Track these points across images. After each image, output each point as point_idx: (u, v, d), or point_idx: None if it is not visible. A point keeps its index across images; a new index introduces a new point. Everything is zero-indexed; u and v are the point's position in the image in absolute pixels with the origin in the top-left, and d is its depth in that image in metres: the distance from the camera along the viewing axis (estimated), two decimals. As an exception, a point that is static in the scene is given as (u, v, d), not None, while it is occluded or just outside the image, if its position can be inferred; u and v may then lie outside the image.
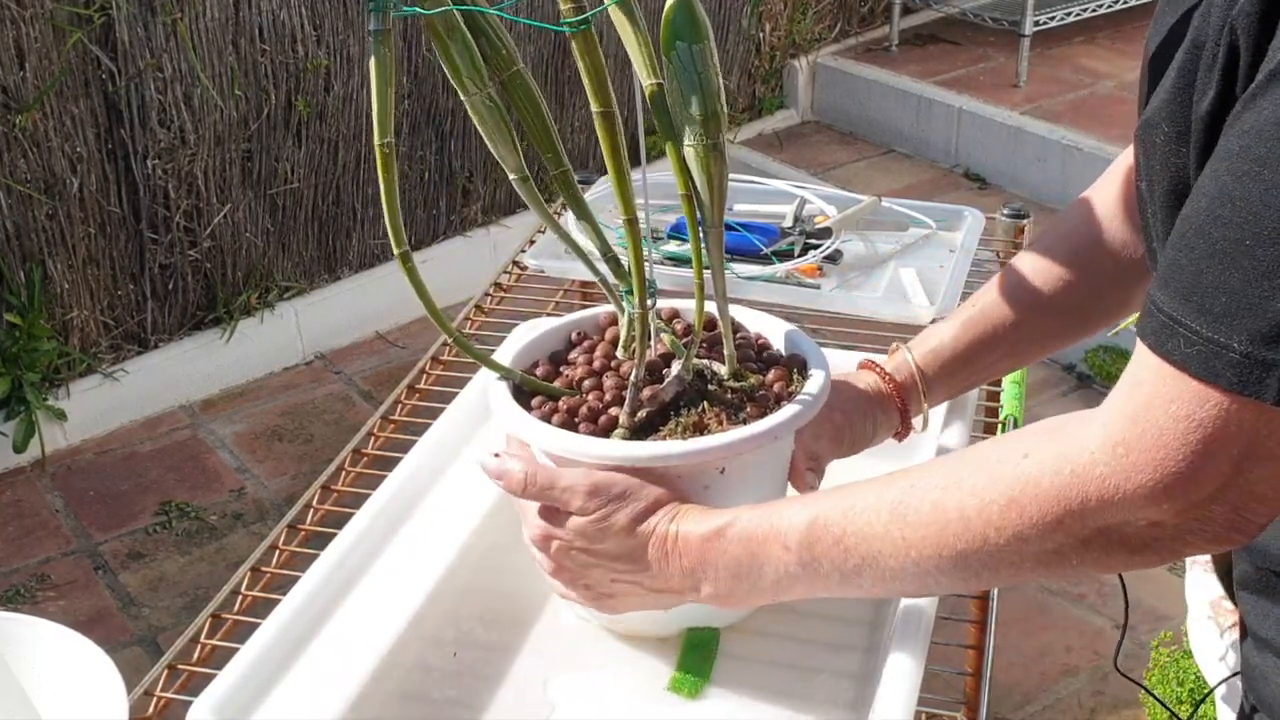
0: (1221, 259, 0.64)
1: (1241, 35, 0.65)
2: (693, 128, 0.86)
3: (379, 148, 0.81)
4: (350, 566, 0.98)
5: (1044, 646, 2.29)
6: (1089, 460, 0.70)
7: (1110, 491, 0.69)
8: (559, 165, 0.86)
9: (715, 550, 0.84)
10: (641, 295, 0.89)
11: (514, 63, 0.83)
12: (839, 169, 3.87)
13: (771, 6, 3.94)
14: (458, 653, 0.96)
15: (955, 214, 1.51)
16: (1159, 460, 0.67)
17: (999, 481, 0.74)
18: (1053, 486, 0.71)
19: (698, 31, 0.83)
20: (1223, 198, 0.64)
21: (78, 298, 2.83)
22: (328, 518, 1.09)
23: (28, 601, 2.46)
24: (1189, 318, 0.65)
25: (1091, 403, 0.74)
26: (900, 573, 0.79)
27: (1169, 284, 0.66)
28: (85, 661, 0.89)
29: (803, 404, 0.91)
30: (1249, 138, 0.63)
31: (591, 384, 0.94)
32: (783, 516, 0.83)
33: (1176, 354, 0.66)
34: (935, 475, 0.78)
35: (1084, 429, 0.71)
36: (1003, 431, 1.17)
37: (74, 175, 2.73)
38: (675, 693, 0.92)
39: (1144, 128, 0.75)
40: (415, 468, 1.07)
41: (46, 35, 2.59)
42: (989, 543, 0.74)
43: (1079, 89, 3.84)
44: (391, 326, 3.29)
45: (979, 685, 0.93)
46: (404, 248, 0.84)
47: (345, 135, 3.10)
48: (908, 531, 0.77)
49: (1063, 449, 0.71)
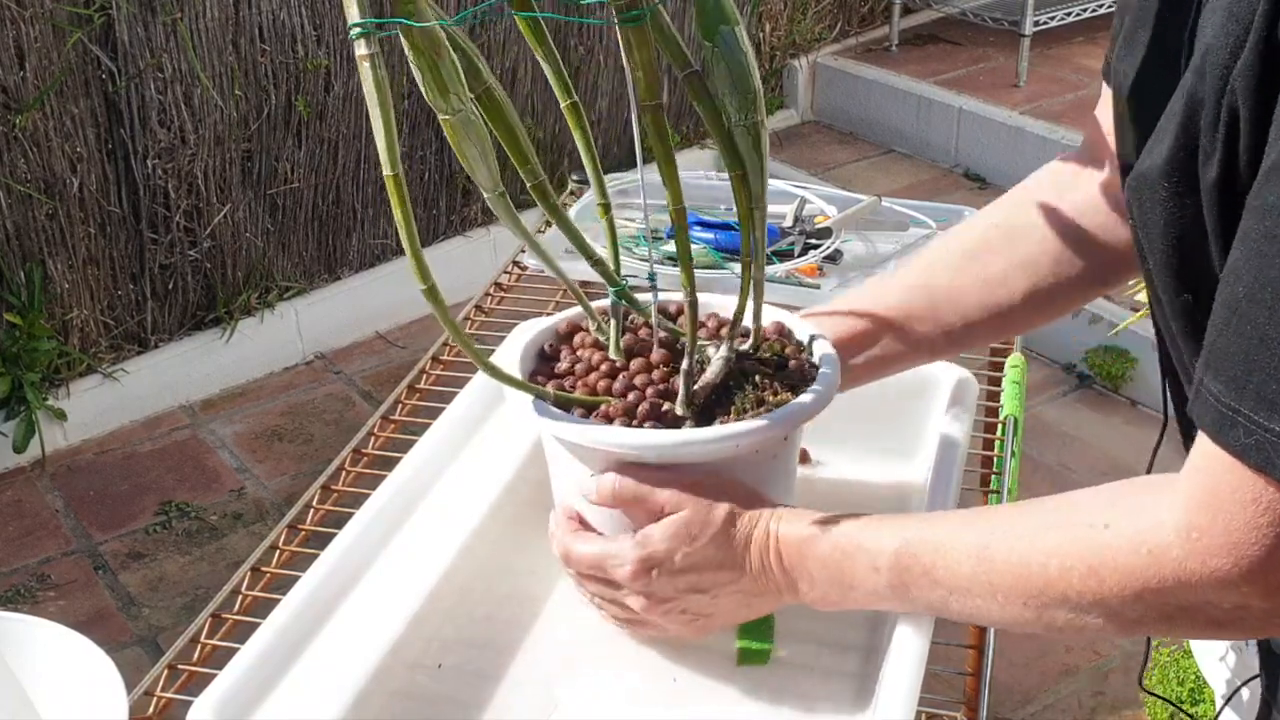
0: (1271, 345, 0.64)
1: (1241, 99, 0.65)
2: (743, 107, 0.87)
3: (389, 179, 0.78)
4: (350, 566, 0.97)
5: (1044, 646, 2.29)
6: (1165, 542, 0.70)
7: (1187, 575, 0.69)
8: (535, 177, 0.86)
9: (811, 555, 0.86)
10: (690, 282, 0.90)
11: (487, 77, 0.83)
12: (839, 169, 3.87)
13: (771, 6, 3.94)
14: (453, 657, 0.96)
15: (955, 214, 1.51)
16: (1232, 545, 0.67)
17: (1080, 548, 0.74)
18: (1130, 564, 0.72)
19: (733, 15, 0.86)
20: (1262, 282, 0.64)
21: (78, 298, 2.83)
22: (328, 518, 1.09)
23: (28, 601, 2.46)
24: (1246, 406, 0.65)
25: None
26: (988, 611, 0.80)
27: (1220, 372, 0.66)
28: (85, 661, 0.89)
29: (831, 364, 0.94)
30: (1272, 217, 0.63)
31: (623, 386, 0.93)
32: (872, 537, 0.84)
33: (1236, 443, 0.66)
34: (1020, 524, 0.79)
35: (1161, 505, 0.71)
36: (1002, 431, 1.17)
37: (74, 175, 2.73)
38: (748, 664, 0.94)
39: (1139, 182, 0.74)
40: (415, 468, 1.06)
41: (46, 35, 2.59)
42: (1069, 603, 0.75)
43: (1079, 89, 3.84)
44: (391, 326, 3.29)
45: (979, 685, 0.93)
46: (430, 282, 0.81)
47: (345, 135, 3.10)
48: (994, 578, 0.78)
49: (1141, 526, 0.72)
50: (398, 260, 3.31)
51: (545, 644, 0.97)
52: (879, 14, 4.26)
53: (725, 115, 0.88)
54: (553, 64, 0.87)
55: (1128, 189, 0.76)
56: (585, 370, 0.94)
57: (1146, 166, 0.73)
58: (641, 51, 0.82)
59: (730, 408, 0.91)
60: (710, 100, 0.88)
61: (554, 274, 0.93)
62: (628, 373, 0.93)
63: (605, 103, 3.54)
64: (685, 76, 0.86)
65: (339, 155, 3.12)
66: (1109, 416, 2.86)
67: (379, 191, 3.23)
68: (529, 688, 0.93)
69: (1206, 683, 1.47)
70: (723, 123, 0.88)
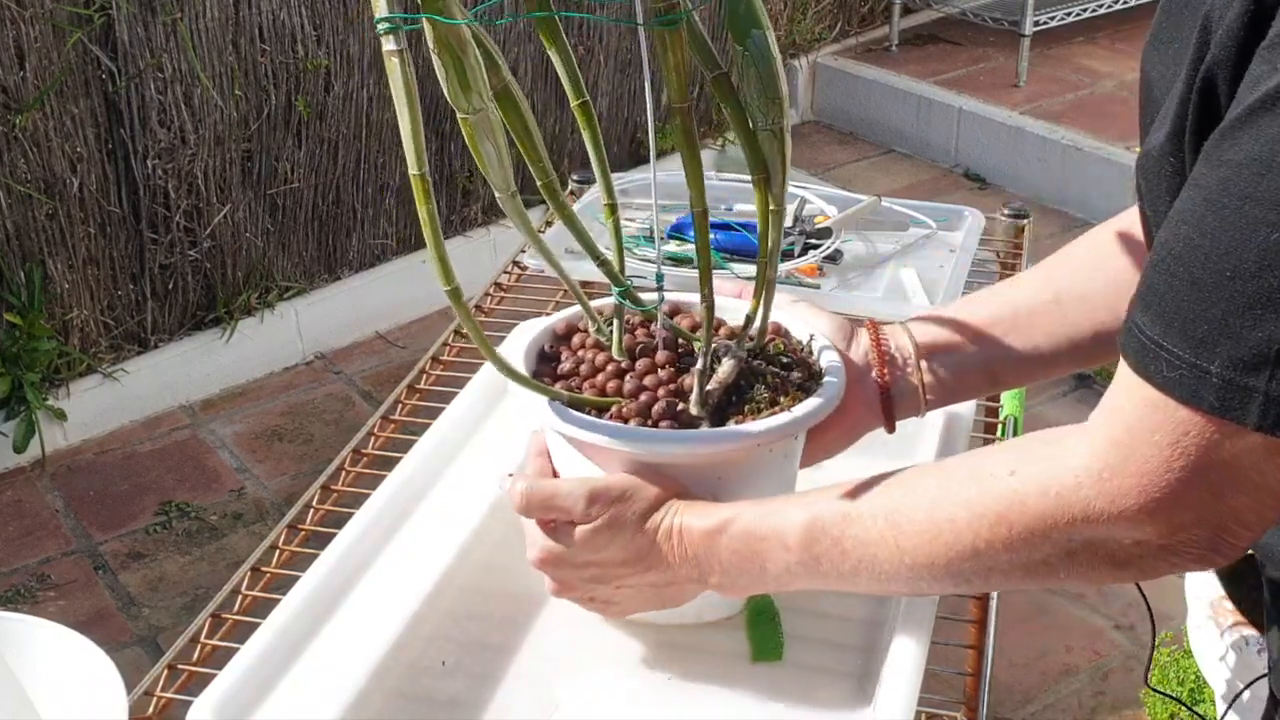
0: (1202, 289, 0.65)
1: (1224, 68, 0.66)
2: (770, 111, 0.88)
3: (416, 179, 0.77)
4: (350, 566, 0.98)
5: (1044, 646, 2.29)
6: (1073, 483, 0.71)
7: (1094, 514, 0.71)
8: (545, 175, 0.86)
9: (719, 544, 0.86)
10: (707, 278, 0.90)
11: (506, 74, 0.82)
12: (839, 169, 3.87)
13: (771, 6, 3.94)
14: (453, 657, 0.96)
15: (955, 214, 1.51)
16: (1142, 485, 0.69)
17: (988, 496, 0.76)
18: (1038, 506, 0.73)
19: (764, 20, 0.87)
20: (1203, 230, 0.65)
21: (78, 298, 2.83)
22: (328, 518, 1.09)
23: (28, 601, 2.46)
24: (1171, 341, 0.66)
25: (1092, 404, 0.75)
26: (895, 576, 0.81)
27: (1150, 307, 0.68)
28: (85, 661, 0.88)
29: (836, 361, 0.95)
30: (1228, 169, 0.64)
31: (634, 386, 0.92)
32: (782, 515, 0.84)
33: (1159, 376, 0.67)
34: (929, 483, 0.80)
35: (1069, 450, 0.73)
36: (1002, 432, 1.17)
37: (74, 175, 2.73)
38: (763, 660, 0.95)
39: (1146, 160, 0.75)
40: (415, 468, 1.07)
41: (46, 35, 2.59)
42: (979, 553, 0.76)
43: (1079, 89, 3.84)
44: (391, 326, 3.29)
45: (979, 685, 0.93)
46: (454, 284, 0.80)
47: (345, 135, 3.10)
48: (902, 540, 0.79)
49: (1048, 469, 0.73)
50: (398, 260, 3.31)
51: (545, 644, 0.97)
52: (879, 14, 4.26)
53: (751, 118, 0.88)
54: (566, 63, 0.86)
55: (1136, 169, 0.77)
56: (591, 371, 0.94)
57: (1152, 145, 0.74)
58: (675, 53, 0.82)
59: (744, 407, 0.91)
60: (738, 102, 0.88)
61: (557, 274, 0.93)
62: (635, 373, 0.93)
63: (605, 102, 3.53)
64: (714, 78, 0.86)
65: (339, 155, 3.11)
66: (1109, 416, 2.85)
67: (379, 191, 3.23)
68: (529, 688, 0.93)
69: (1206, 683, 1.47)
70: (748, 125, 0.88)
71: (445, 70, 0.76)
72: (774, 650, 0.95)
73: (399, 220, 3.30)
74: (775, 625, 0.97)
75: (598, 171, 0.90)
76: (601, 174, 0.90)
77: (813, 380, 0.94)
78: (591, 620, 0.98)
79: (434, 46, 0.75)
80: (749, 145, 0.89)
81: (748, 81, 0.87)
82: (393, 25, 0.73)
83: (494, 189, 0.82)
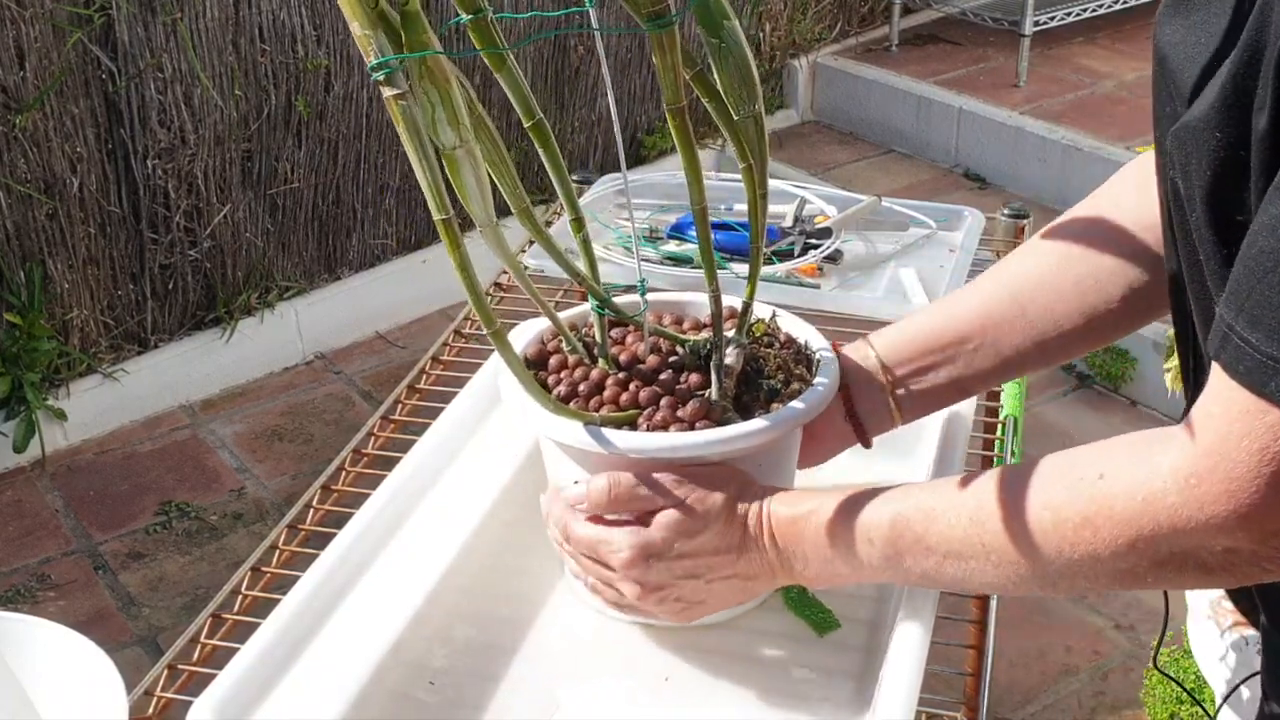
0: None
1: None
2: (749, 99, 0.89)
3: (440, 224, 0.76)
4: (350, 567, 0.97)
5: (1044, 646, 2.29)
6: (1161, 489, 0.70)
7: (1182, 521, 0.70)
8: (521, 201, 0.87)
9: (804, 532, 0.87)
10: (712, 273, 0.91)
11: (478, 107, 0.83)
12: (839, 169, 3.87)
13: (771, 6, 3.94)
14: (456, 655, 0.96)
15: (955, 214, 1.51)
16: (1231, 492, 0.68)
17: (1076, 500, 0.75)
18: (1125, 511, 0.72)
19: (730, 10, 0.87)
20: None
21: (78, 298, 2.83)
22: (328, 518, 1.09)
23: (28, 601, 2.46)
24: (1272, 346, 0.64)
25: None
26: (981, 573, 0.81)
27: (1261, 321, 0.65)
28: (85, 661, 0.88)
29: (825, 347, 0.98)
30: None
31: (651, 394, 0.92)
32: (866, 508, 0.85)
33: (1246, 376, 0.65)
34: (1014, 482, 0.79)
35: (1159, 454, 0.71)
36: (1002, 432, 1.17)
37: (74, 175, 2.73)
38: (828, 631, 0.96)
39: (1185, 132, 0.72)
40: (415, 468, 1.07)
41: (46, 35, 2.59)
42: (1063, 556, 0.76)
43: (1079, 89, 3.84)
44: (391, 326, 3.29)
45: (979, 685, 0.93)
46: (495, 326, 0.81)
47: (345, 135, 3.10)
48: (987, 538, 0.79)
49: (1137, 474, 0.72)
50: (398, 260, 3.31)
51: (546, 644, 0.97)
52: (879, 14, 4.26)
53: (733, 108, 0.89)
54: (515, 89, 0.84)
55: (1171, 140, 0.74)
56: (592, 389, 0.94)
57: (1194, 116, 0.72)
58: (670, 54, 0.82)
59: (758, 391, 0.93)
60: (719, 96, 0.88)
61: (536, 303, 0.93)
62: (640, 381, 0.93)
63: (605, 102, 3.53)
64: (693, 76, 0.87)
65: (339, 155, 3.12)
66: (1109, 416, 2.86)
67: (379, 191, 3.23)
68: (530, 688, 0.93)
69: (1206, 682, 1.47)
70: (732, 117, 0.89)
71: (432, 107, 0.76)
72: (832, 620, 0.97)
73: (399, 220, 3.30)
74: (817, 600, 0.98)
75: (559, 189, 0.90)
76: (564, 191, 0.90)
77: (803, 361, 0.97)
78: (592, 621, 0.98)
79: (421, 83, 0.75)
80: (734, 136, 0.90)
81: (726, 73, 0.88)
82: (389, 69, 0.72)
83: (475, 221, 0.82)
